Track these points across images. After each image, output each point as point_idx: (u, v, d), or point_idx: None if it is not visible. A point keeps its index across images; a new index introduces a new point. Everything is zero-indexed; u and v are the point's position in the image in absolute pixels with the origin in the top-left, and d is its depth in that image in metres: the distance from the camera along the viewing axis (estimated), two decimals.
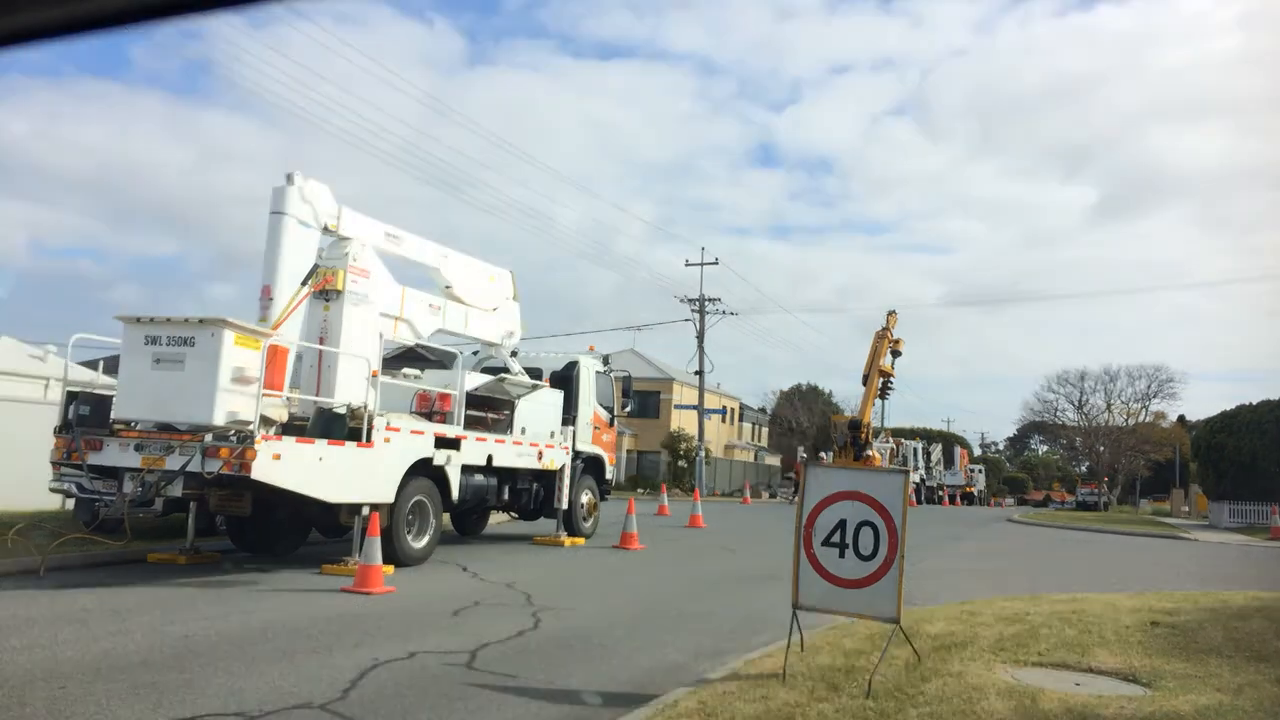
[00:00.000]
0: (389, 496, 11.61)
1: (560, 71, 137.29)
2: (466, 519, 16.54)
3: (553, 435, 15.64)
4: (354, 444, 11.01)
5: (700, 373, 45.32)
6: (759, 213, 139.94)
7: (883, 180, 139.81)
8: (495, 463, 14.03)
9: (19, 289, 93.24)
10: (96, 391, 11.26)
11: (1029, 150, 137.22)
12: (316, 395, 11.51)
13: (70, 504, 12.50)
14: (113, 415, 10.55)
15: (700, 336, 45.42)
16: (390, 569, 10.71)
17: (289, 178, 11.37)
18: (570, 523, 16.31)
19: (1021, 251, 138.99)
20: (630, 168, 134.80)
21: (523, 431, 14.95)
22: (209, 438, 9.83)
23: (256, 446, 9.68)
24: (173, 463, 9.88)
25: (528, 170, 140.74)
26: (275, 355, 10.70)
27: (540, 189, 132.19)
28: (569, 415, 16.32)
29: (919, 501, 51.50)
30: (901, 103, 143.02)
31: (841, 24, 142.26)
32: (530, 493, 15.48)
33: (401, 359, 14.71)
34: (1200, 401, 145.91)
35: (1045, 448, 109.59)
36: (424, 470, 12.35)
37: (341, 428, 11.07)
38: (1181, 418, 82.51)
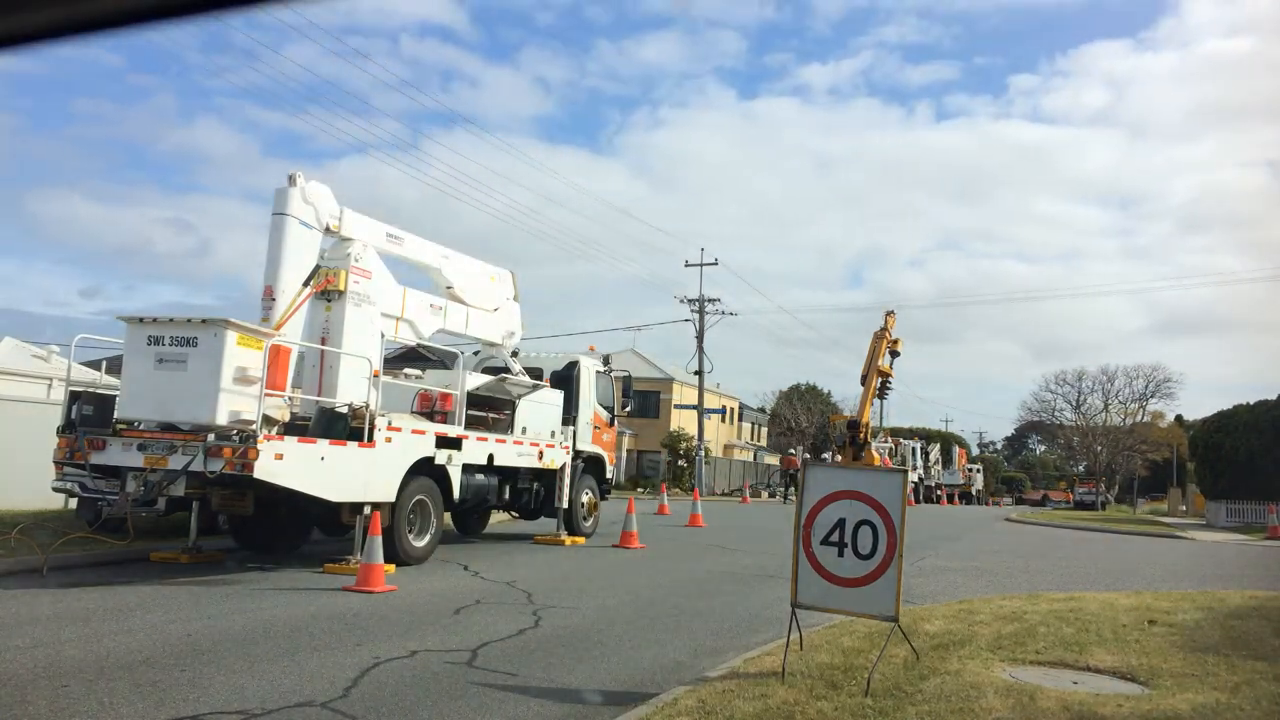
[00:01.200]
0: (390, 496, 11.65)
1: (984, 130, 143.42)
2: (467, 518, 16.56)
3: (553, 435, 15.68)
4: (356, 444, 11.05)
5: (700, 372, 45.32)
6: (1041, 244, 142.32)
7: (1195, 218, 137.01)
8: (496, 462, 14.07)
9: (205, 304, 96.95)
10: (99, 391, 11.31)
11: None
12: (318, 395, 11.56)
13: (73, 503, 12.53)
14: (116, 415, 10.59)
15: (700, 336, 45.45)
16: (392, 568, 10.74)
17: (291, 179, 11.41)
18: (571, 522, 16.34)
19: (1262, 282, 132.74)
20: (960, 201, 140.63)
21: (523, 431, 14.99)
22: (211, 437, 9.88)
23: (259, 446, 9.72)
24: (175, 462, 9.92)
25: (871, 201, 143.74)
26: (277, 355, 10.75)
27: (833, 221, 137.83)
28: (569, 415, 16.36)
29: (917, 501, 51.54)
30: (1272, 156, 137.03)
31: None
32: (531, 492, 15.51)
33: (403, 359, 14.80)
34: (1197, 403, 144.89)
35: (1043, 448, 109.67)
36: (425, 470, 12.39)
37: (343, 427, 11.12)
38: (1179, 418, 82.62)
